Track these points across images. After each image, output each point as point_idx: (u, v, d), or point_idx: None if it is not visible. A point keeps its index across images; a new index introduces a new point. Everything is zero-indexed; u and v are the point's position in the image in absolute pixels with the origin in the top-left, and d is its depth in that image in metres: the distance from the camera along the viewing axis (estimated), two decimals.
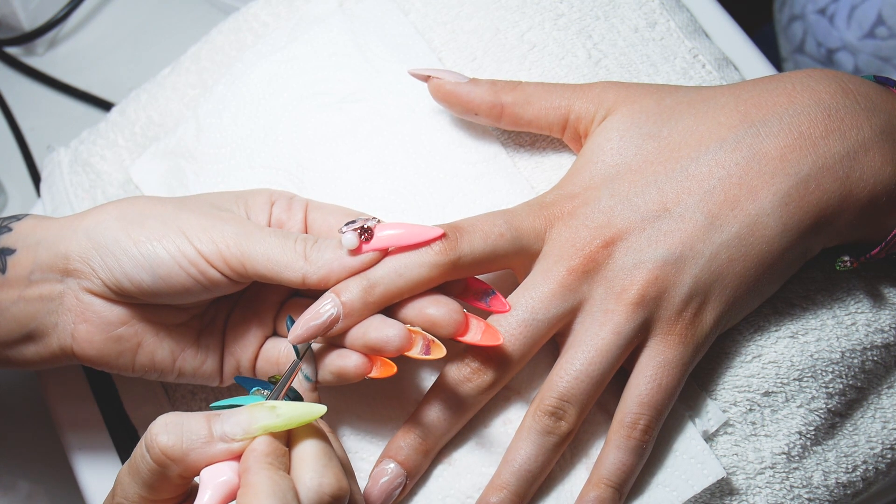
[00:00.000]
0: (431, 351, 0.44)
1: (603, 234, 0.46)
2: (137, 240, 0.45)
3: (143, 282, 0.45)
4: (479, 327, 0.45)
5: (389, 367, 0.44)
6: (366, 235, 0.45)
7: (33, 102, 0.80)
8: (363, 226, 0.45)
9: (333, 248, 0.45)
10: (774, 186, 0.46)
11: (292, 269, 0.45)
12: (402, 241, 0.45)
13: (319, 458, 0.39)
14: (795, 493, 0.48)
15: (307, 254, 0.45)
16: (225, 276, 0.45)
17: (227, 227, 0.46)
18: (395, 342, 0.44)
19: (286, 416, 0.39)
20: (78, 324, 0.46)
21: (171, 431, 0.39)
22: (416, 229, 0.45)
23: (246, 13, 0.62)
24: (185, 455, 0.39)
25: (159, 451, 0.38)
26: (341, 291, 0.45)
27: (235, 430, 0.39)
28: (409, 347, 0.44)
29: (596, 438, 0.48)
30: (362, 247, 0.45)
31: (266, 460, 0.38)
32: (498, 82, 0.51)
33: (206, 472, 0.39)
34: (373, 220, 0.45)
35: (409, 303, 0.45)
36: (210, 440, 0.39)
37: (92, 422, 0.56)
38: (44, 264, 0.46)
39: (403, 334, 0.44)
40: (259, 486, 0.37)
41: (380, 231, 0.45)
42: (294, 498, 0.37)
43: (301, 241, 0.46)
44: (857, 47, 0.87)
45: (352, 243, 0.45)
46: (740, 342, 0.49)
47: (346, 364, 0.45)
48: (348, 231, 0.45)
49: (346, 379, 0.45)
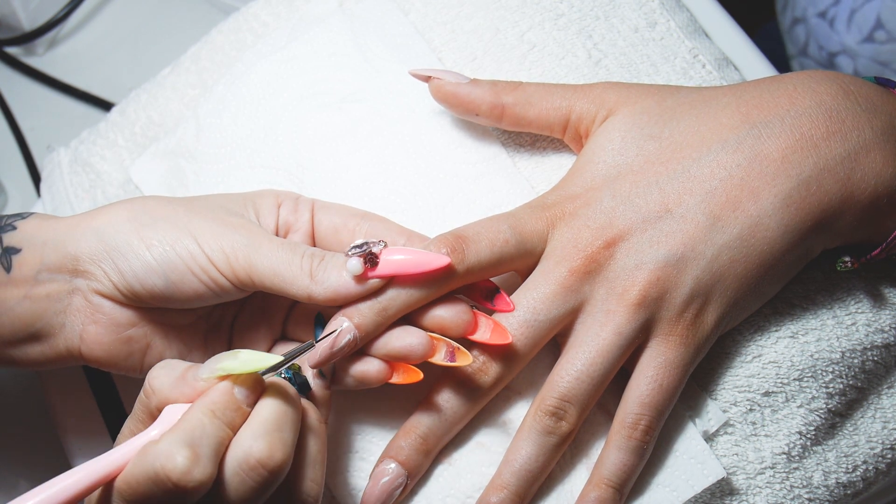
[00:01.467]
0: (457, 358, 0.45)
1: (604, 235, 0.46)
2: (150, 243, 0.45)
3: (156, 286, 0.45)
4: (488, 326, 0.45)
5: (414, 374, 0.45)
6: (371, 262, 0.45)
7: (33, 102, 0.80)
8: (369, 251, 0.45)
9: (339, 269, 0.45)
10: (776, 188, 0.46)
11: (298, 286, 0.45)
12: (408, 269, 0.45)
13: (265, 423, 0.40)
14: (795, 493, 0.48)
15: (313, 272, 0.45)
16: (232, 284, 0.45)
17: (238, 237, 0.45)
18: (418, 350, 0.44)
19: (242, 360, 0.40)
20: (87, 325, 0.46)
21: (163, 367, 0.41)
22: (421, 257, 0.45)
23: (246, 13, 0.62)
24: (160, 389, 0.41)
25: (147, 383, 0.41)
26: (353, 315, 0.45)
27: (203, 371, 0.41)
28: (432, 354, 0.44)
29: (596, 439, 0.48)
30: (367, 273, 0.45)
31: (209, 406, 0.39)
32: (498, 83, 0.51)
33: (166, 409, 0.41)
34: (379, 245, 0.45)
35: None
36: (182, 379, 0.41)
37: (92, 422, 0.55)
38: (52, 265, 0.46)
39: (426, 342, 0.44)
40: (182, 424, 0.38)
41: (386, 256, 0.45)
42: (212, 449, 0.38)
43: (308, 258, 0.45)
44: (857, 51, 0.87)
45: (356, 269, 0.44)
46: (740, 342, 0.49)
47: (368, 369, 0.45)
48: (353, 257, 0.44)
49: (367, 384, 0.45)
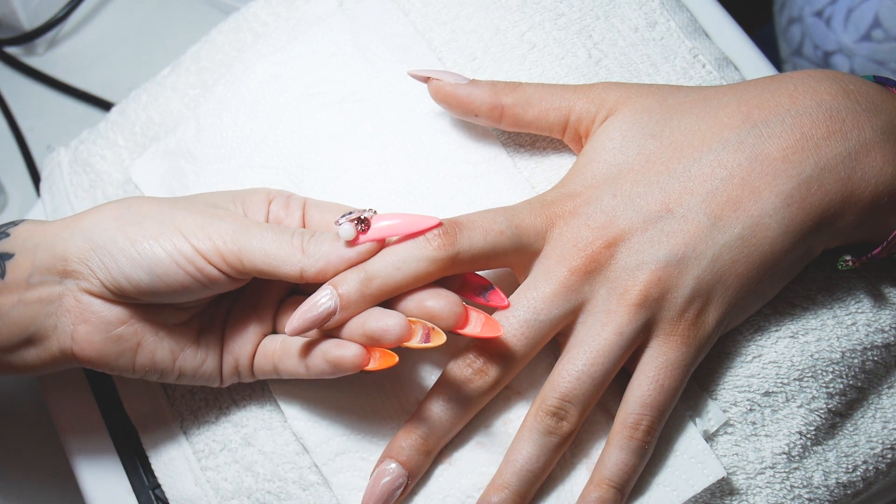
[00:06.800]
0: (431, 338, 0.44)
1: (605, 235, 0.46)
2: (135, 239, 0.45)
3: (142, 281, 0.45)
4: (479, 319, 0.45)
5: (390, 358, 0.44)
6: (362, 226, 0.45)
7: (33, 102, 0.80)
8: (360, 217, 0.45)
9: (331, 240, 0.45)
10: (777, 187, 0.46)
11: (290, 263, 0.45)
12: (399, 230, 0.45)
13: None
14: (796, 493, 0.48)
15: (304, 247, 0.45)
16: (223, 273, 0.45)
17: (224, 224, 0.46)
18: (394, 331, 0.43)
19: None
20: (77, 325, 0.46)
21: None
22: (412, 219, 0.45)
23: (246, 13, 0.62)
24: None
25: None
26: (338, 283, 0.45)
27: None
28: (408, 337, 0.44)
29: (597, 439, 0.48)
30: (359, 237, 0.45)
31: None
32: (498, 83, 0.51)
33: None
34: (369, 212, 0.45)
35: (408, 296, 0.45)
36: None
37: (92, 422, 0.55)
38: (42, 267, 0.46)
39: (403, 323, 0.44)
40: None
41: (376, 222, 0.45)
42: None
43: (298, 235, 0.46)
44: (853, 50, 0.86)
45: (349, 234, 0.45)
46: (740, 342, 0.49)
47: (344, 354, 0.44)
48: (345, 222, 0.45)
49: (341, 369, 0.45)
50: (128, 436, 0.55)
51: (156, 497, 0.53)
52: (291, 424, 0.50)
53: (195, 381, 0.49)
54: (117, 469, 0.54)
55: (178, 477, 0.52)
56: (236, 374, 0.49)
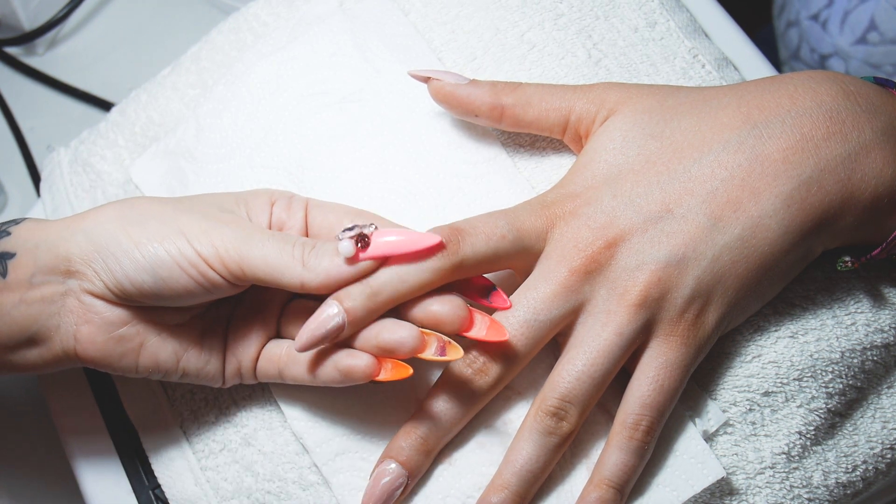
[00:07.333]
0: (447, 352, 0.44)
1: (605, 235, 0.46)
2: (138, 241, 0.45)
3: (145, 283, 0.45)
4: (484, 322, 0.45)
5: (404, 369, 0.44)
6: (362, 243, 0.45)
7: (33, 102, 0.80)
8: (360, 233, 0.45)
9: (331, 254, 0.45)
10: (777, 188, 0.46)
11: (290, 274, 0.45)
12: (400, 249, 0.45)
13: None
14: (795, 493, 0.48)
15: (305, 259, 0.45)
16: (224, 279, 0.45)
17: (227, 231, 0.45)
18: (408, 343, 0.44)
19: None
20: (80, 325, 0.46)
21: None
22: (413, 237, 0.45)
23: (246, 13, 0.62)
24: None
25: None
26: (343, 298, 0.44)
27: None
28: (422, 349, 0.44)
29: (597, 439, 0.48)
30: (359, 255, 0.45)
31: None
32: (498, 84, 0.51)
33: None
34: (370, 227, 0.45)
35: (414, 301, 0.45)
36: None
37: (92, 422, 0.55)
38: (45, 267, 0.46)
39: (417, 336, 0.44)
40: None
41: (377, 238, 0.45)
42: None
43: (299, 246, 0.45)
44: (849, 53, 0.86)
45: (348, 251, 0.44)
46: (740, 342, 0.49)
47: (356, 363, 0.45)
48: (345, 239, 0.45)
49: (352, 378, 0.45)
50: (128, 436, 0.55)
51: (156, 497, 0.53)
52: (291, 424, 0.50)
53: (198, 381, 0.49)
54: (117, 469, 0.54)
55: (178, 477, 0.52)
56: (238, 376, 0.49)
